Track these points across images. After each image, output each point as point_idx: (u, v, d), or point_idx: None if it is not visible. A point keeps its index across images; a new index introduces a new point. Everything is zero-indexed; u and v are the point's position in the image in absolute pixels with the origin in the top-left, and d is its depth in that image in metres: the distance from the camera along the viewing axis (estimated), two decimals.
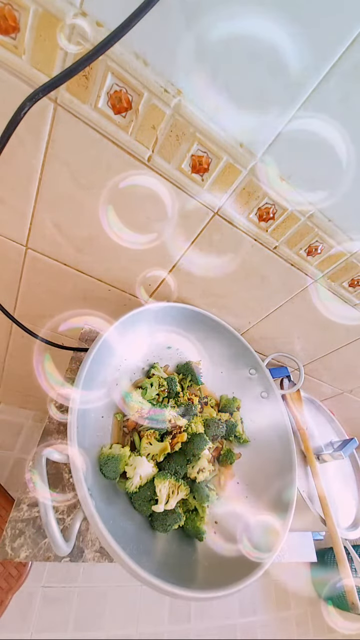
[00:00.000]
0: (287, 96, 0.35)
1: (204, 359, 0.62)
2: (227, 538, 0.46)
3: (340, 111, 0.36)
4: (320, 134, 0.38)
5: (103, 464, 0.42)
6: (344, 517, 0.63)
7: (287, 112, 0.36)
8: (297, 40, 0.31)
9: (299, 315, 0.66)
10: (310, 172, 0.41)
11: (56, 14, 0.30)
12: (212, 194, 0.44)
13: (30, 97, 0.32)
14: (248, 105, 0.36)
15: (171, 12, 0.30)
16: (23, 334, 0.54)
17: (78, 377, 0.39)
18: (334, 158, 0.40)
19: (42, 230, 0.50)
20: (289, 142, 0.39)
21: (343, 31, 0.31)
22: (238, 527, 0.47)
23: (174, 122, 0.37)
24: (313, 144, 0.38)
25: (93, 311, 0.66)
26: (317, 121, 0.36)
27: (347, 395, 0.97)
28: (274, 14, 0.30)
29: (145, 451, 0.46)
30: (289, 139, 0.38)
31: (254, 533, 0.45)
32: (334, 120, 0.36)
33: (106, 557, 0.43)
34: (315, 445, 0.68)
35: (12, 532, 0.40)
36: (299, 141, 0.38)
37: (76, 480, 0.33)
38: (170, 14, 0.30)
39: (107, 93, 0.35)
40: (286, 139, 0.38)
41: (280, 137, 0.38)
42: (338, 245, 0.51)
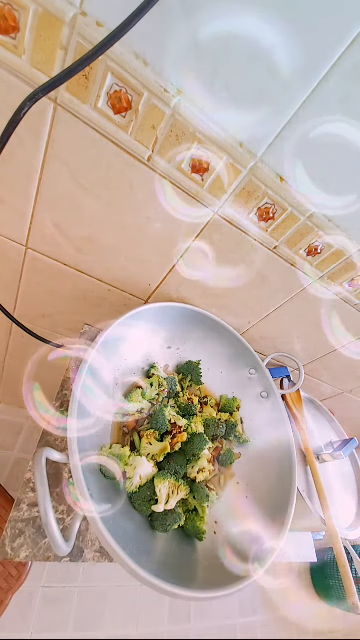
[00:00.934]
0: (287, 96, 0.35)
1: (204, 359, 0.62)
2: (227, 538, 0.46)
3: (340, 111, 0.36)
4: (320, 134, 0.38)
5: (102, 465, 0.42)
6: (344, 517, 0.63)
7: (287, 112, 0.36)
8: (297, 40, 0.31)
9: (299, 315, 0.66)
10: (310, 171, 0.41)
11: (56, 14, 0.30)
12: (212, 194, 0.44)
13: (30, 97, 0.32)
14: (248, 105, 0.36)
15: (171, 12, 0.30)
16: (23, 334, 0.54)
17: (78, 377, 0.39)
18: (333, 158, 0.40)
19: (42, 230, 0.50)
20: (289, 142, 0.38)
21: (343, 31, 0.31)
22: (238, 527, 0.47)
23: (174, 122, 0.37)
24: (313, 143, 0.39)
25: (93, 311, 0.66)
26: (316, 121, 0.36)
27: (347, 395, 0.97)
28: (273, 14, 0.30)
29: (145, 451, 0.46)
30: (288, 139, 0.38)
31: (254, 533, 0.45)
32: (333, 120, 0.36)
33: (106, 557, 0.43)
34: (315, 445, 0.68)
35: (12, 532, 0.40)
36: (299, 141, 0.38)
37: (76, 480, 0.33)
38: (170, 14, 0.30)
39: (107, 93, 0.35)
40: (286, 139, 0.38)
41: (280, 137, 0.38)
42: (338, 245, 0.51)
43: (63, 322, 0.71)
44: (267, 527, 0.44)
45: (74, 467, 0.33)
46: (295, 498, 0.46)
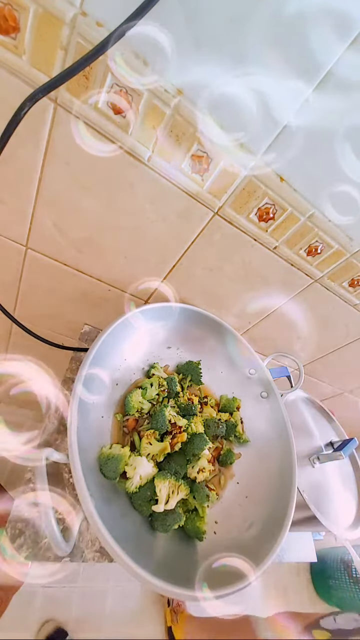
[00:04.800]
0: (287, 96, 0.35)
1: (204, 359, 0.62)
2: (227, 538, 0.46)
3: (341, 111, 0.36)
4: (320, 134, 0.38)
5: (103, 464, 0.42)
6: (344, 517, 0.63)
7: (286, 112, 0.36)
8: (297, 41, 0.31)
9: (299, 315, 0.66)
10: (310, 171, 0.41)
11: (56, 14, 0.30)
12: (212, 194, 0.44)
13: (30, 97, 0.32)
14: (247, 105, 0.36)
15: (171, 12, 0.30)
16: (23, 334, 0.54)
17: (78, 378, 0.39)
18: (333, 157, 0.40)
19: (42, 230, 0.50)
20: (289, 142, 0.38)
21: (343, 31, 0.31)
22: (238, 527, 0.47)
23: (174, 122, 0.37)
24: (313, 144, 0.39)
25: (93, 311, 0.66)
26: (316, 121, 0.36)
27: (347, 395, 0.97)
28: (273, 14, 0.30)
29: (145, 451, 0.46)
30: (288, 138, 0.38)
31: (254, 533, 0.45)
32: (333, 120, 0.36)
33: (106, 557, 0.43)
34: (315, 445, 0.68)
35: (12, 532, 0.40)
36: (299, 141, 0.38)
37: (76, 480, 0.33)
38: (170, 14, 0.30)
39: (107, 93, 0.35)
40: (286, 139, 0.38)
41: (280, 137, 0.38)
42: (338, 245, 0.51)
43: (63, 322, 0.71)
44: (267, 527, 0.44)
45: (74, 467, 0.33)
46: (295, 498, 0.46)
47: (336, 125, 0.37)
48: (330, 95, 0.34)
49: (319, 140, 0.38)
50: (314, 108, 0.35)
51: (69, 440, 0.35)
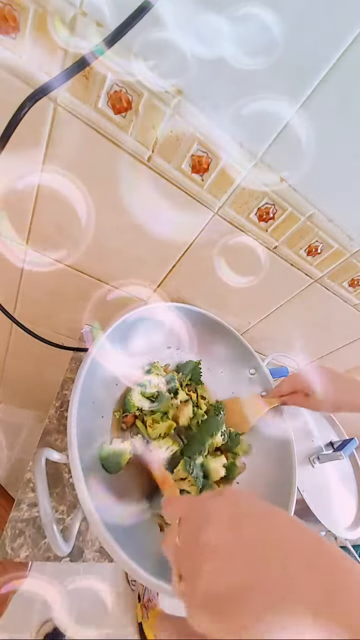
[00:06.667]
0: (287, 96, 0.35)
1: (204, 359, 0.62)
2: None
3: (340, 112, 0.36)
4: (320, 134, 0.38)
5: (104, 459, 0.42)
6: (344, 517, 0.63)
7: (286, 112, 0.36)
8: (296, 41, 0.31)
9: (299, 315, 0.66)
10: (311, 171, 0.41)
11: (56, 14, 0.30)
12: (212, 194, 0.44)
13: (30, 97, 0.32)
14: (247, 105, 0.36)
15: (171, 12, 0.30)
16: (23, 334, 0.54)
17: (78, 378, 0.39)
18: (333, 157, 0.40)
19: (42, 230, 0.50)
20: (289, 142, 0.39)
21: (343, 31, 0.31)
22: None
23: (174, 122, 0.37)
24: (313, 144, 0.38)
25: (93, 311, 0.66)
26: (316, 122, 0.36)
27: None
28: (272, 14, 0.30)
29: (155, 432, 0.48)
30: (288, 139, 0.38)
31: None
32: (333, 120, 0.36)
33: (106, 557, 0.43)
34: (315, 445, 0.68)
35: (12, 532, 0.40)
36: (299, 141, 0.38)
37: (76, 480, 0.33)
38: (169, 14, 0.30)
39: (107, 93, 0.35)
40: (286, 139, 0.38)
41: (280, 137, 0.38)
42: (338, 245, 0.51)
43: (63, 322, 0.71)
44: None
45: (73, 467, 0.33)
46: (295, 498, 0.46)
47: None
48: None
49: (318, 140, 0.38)
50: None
51: (69, 440, 0.35)
